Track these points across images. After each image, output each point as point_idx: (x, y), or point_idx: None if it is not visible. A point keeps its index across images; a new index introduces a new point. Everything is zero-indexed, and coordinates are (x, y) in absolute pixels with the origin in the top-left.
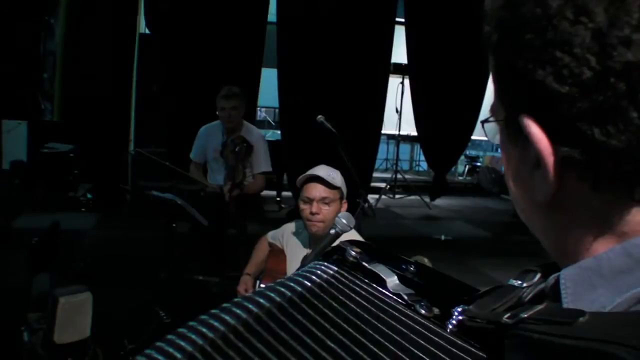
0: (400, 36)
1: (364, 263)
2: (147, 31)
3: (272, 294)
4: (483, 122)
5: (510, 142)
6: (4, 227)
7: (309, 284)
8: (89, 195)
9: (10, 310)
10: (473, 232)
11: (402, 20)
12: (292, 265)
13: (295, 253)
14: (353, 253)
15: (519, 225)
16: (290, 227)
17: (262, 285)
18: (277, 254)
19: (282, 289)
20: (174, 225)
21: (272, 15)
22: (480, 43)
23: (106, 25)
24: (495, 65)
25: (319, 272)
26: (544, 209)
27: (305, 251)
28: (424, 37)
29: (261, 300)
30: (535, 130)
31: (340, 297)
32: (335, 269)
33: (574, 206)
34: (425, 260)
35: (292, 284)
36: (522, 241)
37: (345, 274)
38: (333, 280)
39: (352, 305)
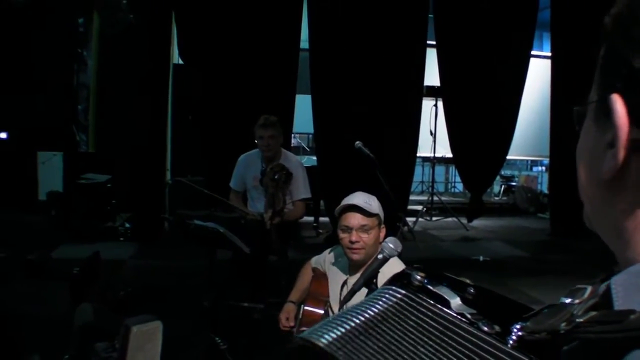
0: (432, 58)
1: (428, 286)
2: (180, 61)
3: (353, 316)
4: (575, 108)
5: (594, 122)
6: (43, 258)
7: (381, 306)
8: (127, 225)
9: (52, 340)
10: (511, 252)
11: (433, 42)
12: (333, 290)
13: (335, 279)
14: (418, 277)
15: (557, 244)
16: (331, 253)
17: (307, 308)
18: (319, 277)
19: (359, 312)
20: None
21: (304, 42)
22: (510, 61)
23: (139, 56)
24: (604, 52)
25: (388, 295)
26: (606, 189)
27: (344, 277)
28: (456, 58)
29: (345, 321)
30: (619, 107)
31: (410, 316)
32: (404, 292)
33: (634, 190)
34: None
35: (367, 307)
36: (560, 260)
37: (413, 296)
38: (402, 303)
39: (421, 324)
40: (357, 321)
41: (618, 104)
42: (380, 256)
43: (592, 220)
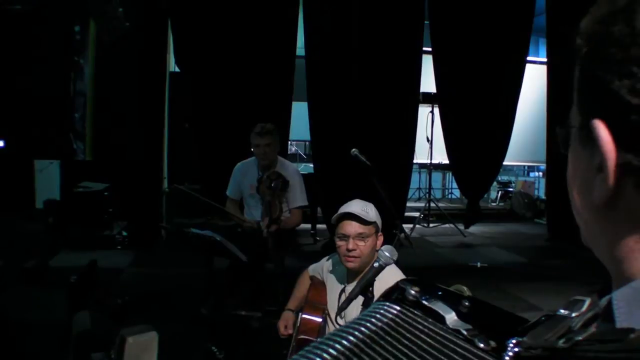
0: (428, 65)
1: (423, 301)
2: (177, 69)
3: (346, 334)
4: (558, 127)
5: (580, 146)
6: (40, 266)
7: (375, 325)
8: (124, 233)
9: (49, 348)
10: (508, 257)
11: (429, 49)
12: (331, 298)
13: (333, 287)
14: (412, 292)
15: (554, 250)
16: (328, 261)
17: (305, 316)
18: (317, 286)
19: (353, 330)
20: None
21: (300, 49)
22: (506, 67)
23: (136, 64)
24: (579, 74)
25: (382, 311)
26: (600, 213)
27: (342, 285)
28: (452, 64)
29: (338, 340)
30: (603, 134)
31: (406, 334)
32: (398, 308)
33: (628, 213)
34: (465, 289)
35: (361, 325)
36: (558, 265)
37: (407, 313)
38: (397, 320)
39: (417, 342)
40: (350, 343)
41: (601, 129)
42: (376, 264)
43: (588, 241)
